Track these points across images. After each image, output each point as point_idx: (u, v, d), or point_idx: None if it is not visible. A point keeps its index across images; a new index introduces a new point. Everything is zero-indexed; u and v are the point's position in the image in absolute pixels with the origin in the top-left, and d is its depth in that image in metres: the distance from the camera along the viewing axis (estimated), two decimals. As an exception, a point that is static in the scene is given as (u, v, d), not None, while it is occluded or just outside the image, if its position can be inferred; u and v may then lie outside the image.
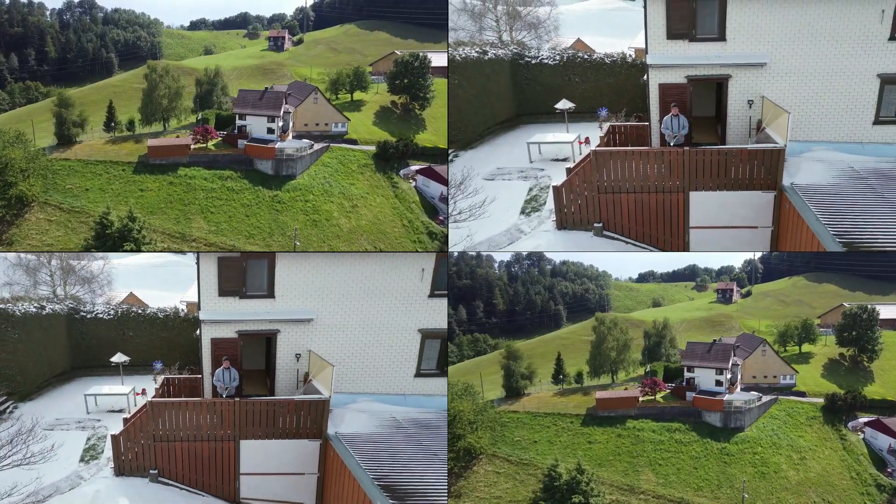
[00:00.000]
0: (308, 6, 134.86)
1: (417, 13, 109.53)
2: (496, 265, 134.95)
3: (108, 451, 25.20)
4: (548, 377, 60.08)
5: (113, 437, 24.41)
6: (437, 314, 24.67)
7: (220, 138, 56.17)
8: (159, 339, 43.37)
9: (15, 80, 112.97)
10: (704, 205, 23.51)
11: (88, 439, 27.97)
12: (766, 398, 53.07)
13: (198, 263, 24.29)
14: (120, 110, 62.21)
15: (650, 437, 48.65)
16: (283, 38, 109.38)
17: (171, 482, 23.92)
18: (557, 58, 36.06)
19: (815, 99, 24.08)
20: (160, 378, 27.08)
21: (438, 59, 64.20)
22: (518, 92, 36.20)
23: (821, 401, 56.21)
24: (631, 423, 49.92)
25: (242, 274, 23.71)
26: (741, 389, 53.07)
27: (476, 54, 34.14)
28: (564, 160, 29.27)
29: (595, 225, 24.73)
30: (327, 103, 64.76)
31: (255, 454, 23.57)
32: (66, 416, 32.90)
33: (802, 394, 58.64)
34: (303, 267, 24.01)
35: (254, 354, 25.69)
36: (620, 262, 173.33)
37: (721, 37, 23.64)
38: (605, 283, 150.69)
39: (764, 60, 23.53)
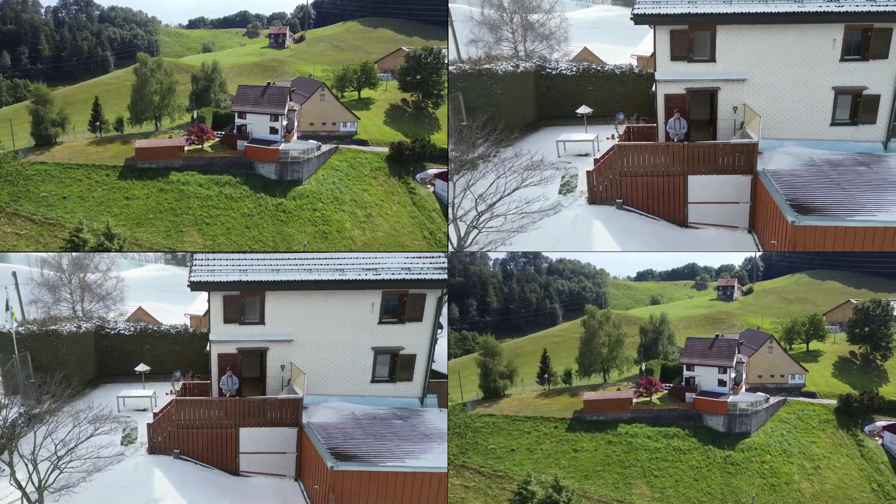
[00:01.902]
0: (309, 4, 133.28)
1: (422, 9, 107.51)
2: (490, 263, 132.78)
3: (142, 437, 32.24)
4: (533, 376, 56.31)
5: (148, 425, 31.56)
6: (386, 336, 31.72)
7: (217, 139, 52.13)
8: (171, 352, 46.33)
9: (7, 78, 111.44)
10: (699, 185, 30.31)
11: (124, 429, 33.83)
12: (773, 399, 50.02)
13: (209, 299, 31.07)
14: (112, 109, 58.55)
15: (644, 443, 44.98)
16: (284, 34, 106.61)
17: (189, 459, 31.04)
18: (574, 69, 41.58)
19: (785, 106, 30.43)
20: (178, 383, 33.96)
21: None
22: (540, 98, 41.23)
23: (834, 402, 52.53)
24: (623, 427, 46.15)
25: (241, 307, 30.60)
26: (746, 390, 50.32)
27: (511, 68, 40.37)
28: (586, 155, 35.25)
29: (617, 200, 31.41)
30: (335, 100, 60.99)
31: (251, 438, 30.88)
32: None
33: (813, 394, 55.55)
34: (285, 301, 31.03)
35: (250, 365, 32.24)
36: (618, 260, 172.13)
37: (712, 59, 30.25)
38: (602, 280, 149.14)
39: (745, 77, 30.24)
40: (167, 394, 33.74)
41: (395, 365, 32.01)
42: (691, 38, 29.48)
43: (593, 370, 57.95)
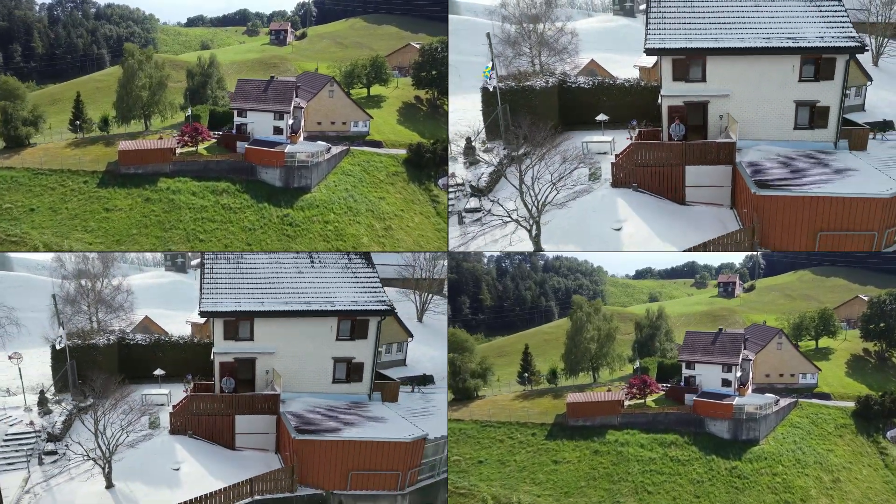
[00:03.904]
0: (310, 1, 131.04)
1: (427, 6, 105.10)
2: (485, 259, 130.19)
3: (164, 422, 39.95)
4: (515, 376, 53.08)
5: (170, 413, 39.95)
6: (342, 349, 40.62)
7: (213, 140, 47.78)
8: (181, 359, 49.22)
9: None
10: (694, 173, 38.72)
11: (150, 417, 39.86)
12: (783, 402, 46.95)
13: (212, 325, 40.45)
14: (102, 108, 54.23)
15: (637, 453, 40.52)
16: (286, 31, 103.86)
17: (199, 438, 39.03)
18: (590, 83, 48.95)
19: (758, 115, 38.61)
20: (190, 384, 41.99)
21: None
22: (562, 108, 48.46)
23: (850, 405, 49.29)
24: (612, 434, 41.74)
25: (236, 328, 39.88)
26: (753, 391, 46.78)
27: (544, 83, 48.27)
28: (604, 153, 43.07)
29: (633, 185, 39.49)
30: (345, 97, 56.60)
31: (244, 423, 39.53)
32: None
33: (826, 396, 52.33)
34: (268, 324, 39.66)
35: (244, 370, 40.80)
36: (617, 258, 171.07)
37: (703, 80, 38.76)
38: (599, 278, 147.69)
39: (728, 93, 38.69)
40: (183, 391, 42.02)
41: (348, 370, 41.00)
42: (688, 64, 38.47)
43: (581, 368, 54.14)
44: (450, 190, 44.43)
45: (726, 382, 44.23)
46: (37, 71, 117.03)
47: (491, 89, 46.21)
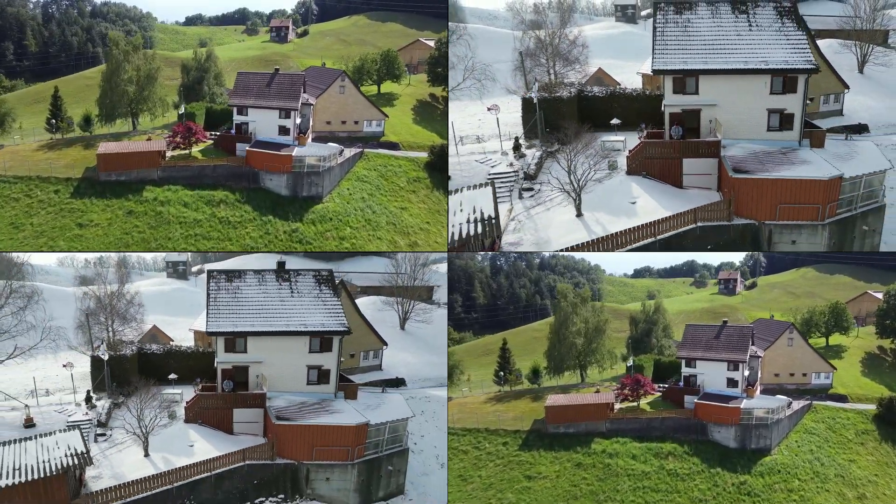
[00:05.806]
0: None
1: (431, 4, 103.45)
2: (479, 257, 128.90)
3: (179, 414, 46.71)
4: (491, 376, 49.35)
5: (184, 408, 47.07)
6: (314, 358, 47.20)
7: (210, 141, 44.01)
8: (188, 365, 53.18)
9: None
10: (689, 164, 46.07)
11: (168, 410, 44.82)
12: (796, 404, 43.14)
13: (215, 340, 47.15)
14: (89, 107, 49.42)
15: (628, 466, 35.65)
16: (287, 27, 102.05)
17: (207, 426, 45.60)
18: (604, 92, 56.46)
19: (738, 120, 46.50)
20: (199, 385, 48.79)
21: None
22: (580, 113, 54.53)
23: (870, 407, 44.84)
24: (599, 443, 37.16)
25: (234, 344, 46.56)
26: (761, 392, 43.29)
27: (569, 94, 54.79)
28: (618, 150, 49.63)
29: (643, 173, 46.72)
30: (358, 94, 51.86)
31: (240, 415, 46.34)
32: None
33: (843, 398, 48.14)
34: (258, 340, 45.80)
35: (240, 375, 47.47)
36: (615, 258, 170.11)
37: (696, 92, 47.00)
38: (597, 276, 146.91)
39: (715, 103, 46.76)
40: (196, 391, 48.40)
41: (319, 375, 48.00)
42: (684, 81, 46.86)
43: (566, 366, 50.55)
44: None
45: (732, 382, 40.77)
46: (29, 69, 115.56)
47: (535, 100, 53.31)
